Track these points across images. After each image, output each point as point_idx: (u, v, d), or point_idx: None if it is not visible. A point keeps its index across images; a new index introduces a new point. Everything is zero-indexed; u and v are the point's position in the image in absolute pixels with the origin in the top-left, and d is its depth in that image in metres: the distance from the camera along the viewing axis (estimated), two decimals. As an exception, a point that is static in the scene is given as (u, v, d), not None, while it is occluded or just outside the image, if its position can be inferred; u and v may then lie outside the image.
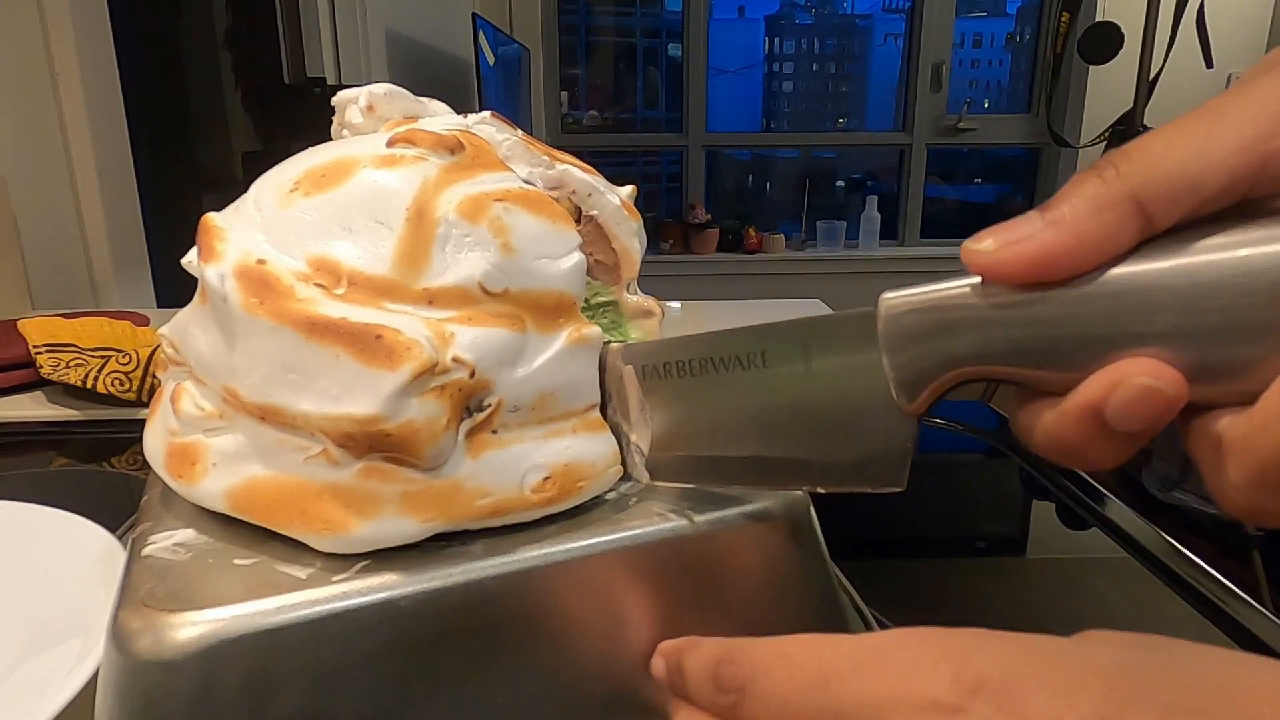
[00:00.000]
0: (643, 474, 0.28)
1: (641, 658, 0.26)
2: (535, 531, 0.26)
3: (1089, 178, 0.18)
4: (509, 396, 0.25)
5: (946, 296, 0.20)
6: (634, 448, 0.28)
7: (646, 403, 0.27)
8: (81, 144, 1.11)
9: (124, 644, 0.22)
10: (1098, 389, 0.18)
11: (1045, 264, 0.18)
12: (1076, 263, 0.18)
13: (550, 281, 0.26)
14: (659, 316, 0.34)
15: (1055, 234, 0.18)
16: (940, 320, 0.20)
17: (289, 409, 0.24)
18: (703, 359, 0.25)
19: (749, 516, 0.27)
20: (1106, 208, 0.18)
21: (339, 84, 1.62)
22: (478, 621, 0.24)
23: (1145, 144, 0.18)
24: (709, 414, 0.26)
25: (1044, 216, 0.18)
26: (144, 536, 0.26)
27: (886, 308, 0.21)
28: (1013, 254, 0.18)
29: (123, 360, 0.65)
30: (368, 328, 0.23)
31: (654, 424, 0.27)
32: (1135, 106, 1.90)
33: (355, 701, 0.23)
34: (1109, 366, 0.18)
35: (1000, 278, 0.19)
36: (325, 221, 0.26)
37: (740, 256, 3.15)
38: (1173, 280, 0.17)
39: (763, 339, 0.24)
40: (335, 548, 0.24)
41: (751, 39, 3.37)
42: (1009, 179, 3.47)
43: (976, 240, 0.19)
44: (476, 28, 1.98)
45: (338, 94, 0.32)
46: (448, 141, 0.27)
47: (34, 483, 0.55)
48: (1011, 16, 3.36)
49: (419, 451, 0.23)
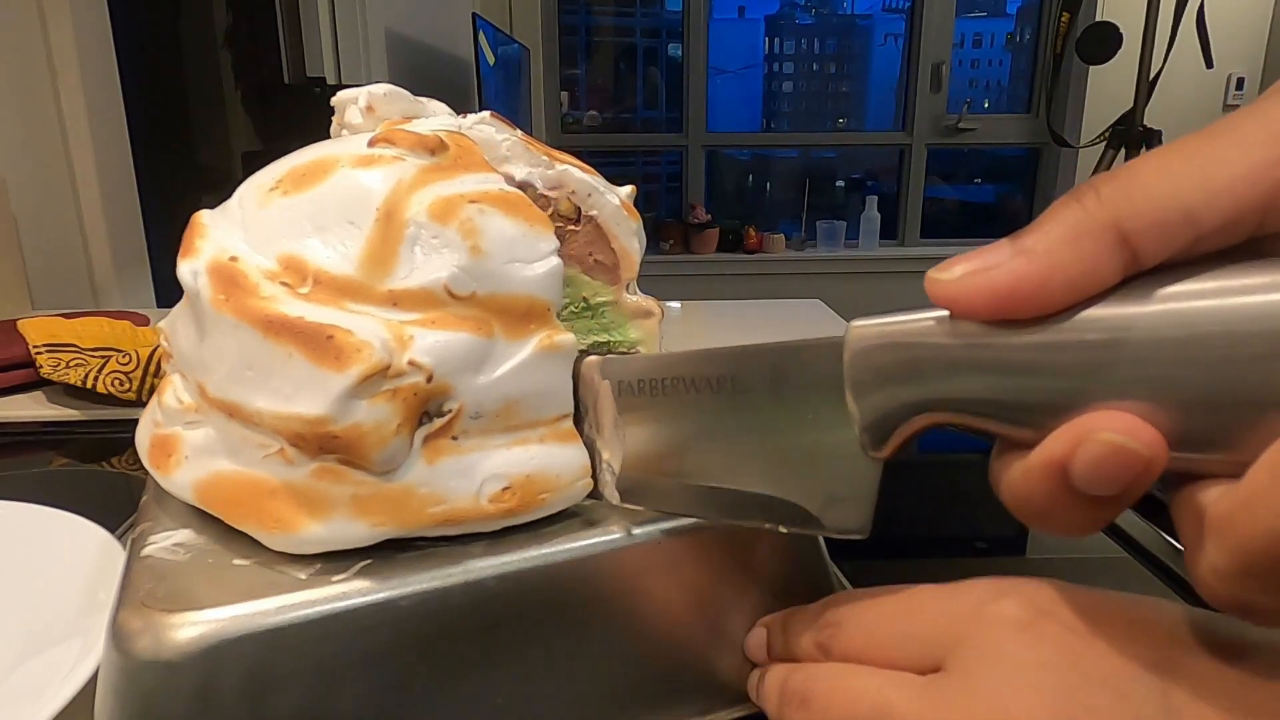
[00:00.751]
0: (613, 494, 0.27)
1: (641, 656, 0.27)
2: (535, 531, 0.26)
3: (1068, 203, 0.16)
4: (470, 402, 0.25)
5: (913, 330, 0.18)
6: (606, 465, 0.27)
7: (621, 420, 0.26)
8: (81, 144, 1.11)
9: (124, 644, 0.22)
10: (1063, 444, 0.16)
11: (1013, 297, 0.16)
12: (1048, 298, 0.16)
13: (522, 286, 0.25)
14: (659, 316, 0.33)
15: (1025, 264, 0.16)
16: (905, 358, 0.18)
17: (247, 406, 0.24)
18: (675, 378, 0.24)
19: (749, 516, 0.27)
20: (1084, 237, 0.16)
21: (339, 84, 1.62)
22: (478, 621, 0.24)
23: (1136, 166, 0.16)
24: (680, 438, 0.24)
25: (1014, 244, 0.16)
26: (143, 537, 0.26)
27: (853, 339, 0.19)
28: (977, 285, 0.16)
29: (123, 360, 0.65)
30: (321, 328, 0.23)
31: (627, 443, 0.26)
32: (1135, 106, 1.90)
33: (355, 702, 0.23)
34: (1078, 419, 0.16)
35: (964, 311, 0.17)
36: (299, 220, 0.25)
37: (740, 256, 3.15)
38: (1156, 326, 0.15)
39: (734, 362, 0.23)
40: (286, 547, 0.24)
41: (751, 39, 3.37)
42: (1009, 179, 3.47)
43: (942, 268, 0.17)
44: (476, 28, 1.98)
45: (337, 94, 0.32)
46: (428, 142, 0.27)
47: (34, 483, 0.55)
48: (1011, 16, 3.36)
49: (366, 455, 0.23)
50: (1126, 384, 0.15)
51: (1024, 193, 3.36)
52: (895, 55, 3.25)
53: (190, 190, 1.62)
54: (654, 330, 0.34)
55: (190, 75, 1.74)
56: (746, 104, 3.41)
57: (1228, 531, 0.14)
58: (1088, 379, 0.16)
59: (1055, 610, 0.19)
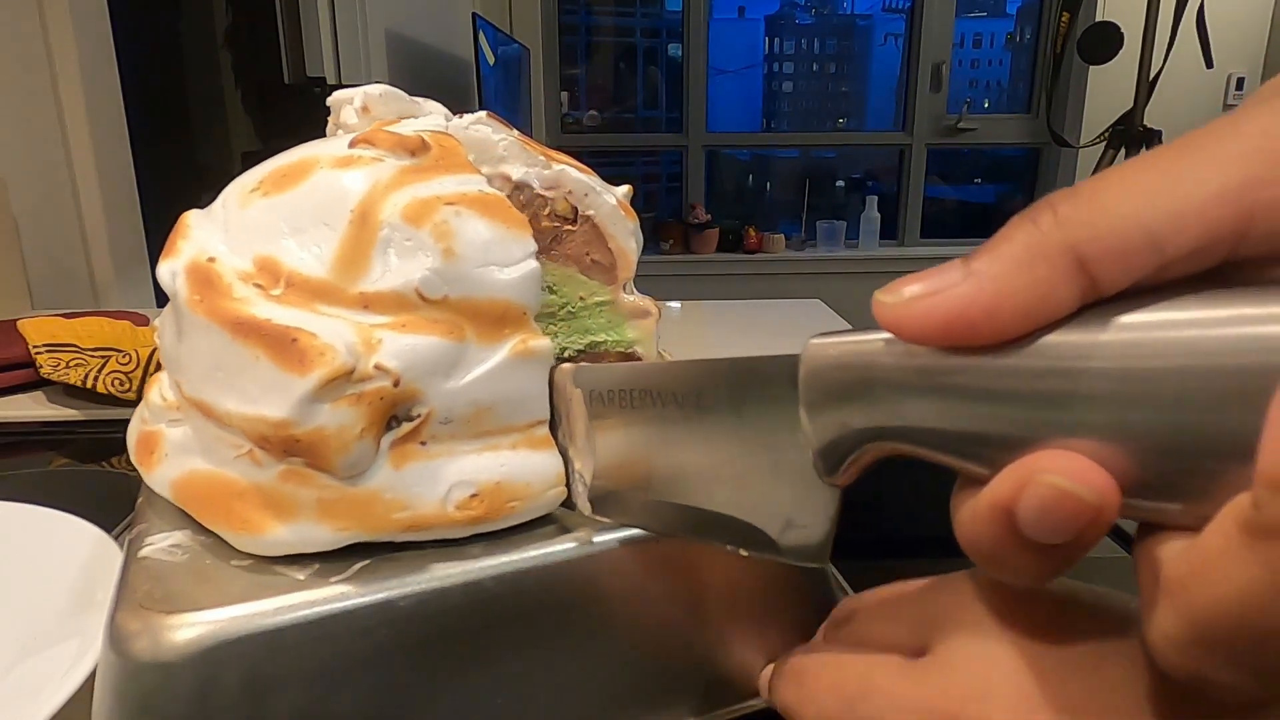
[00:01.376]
0: (585, 505, 0.26)
1: (640, 656, 0.26)
2: (533, 531, 0.26)
3: (1021, 223, 0.15)
4: (440, 407, 0.24)
5: (864, 351, 0.17)
6: (578, 475, 0.26)
7: (593, 430, 0.25)
8: (81, 144, 1.11)
9: (122, 646, 0.22)
10: (1009, 485, 0.15)
11: (960, 324, 0.15)
12: (999, 325, 0.15)
13: (496, 290, 0.25)
14: (655, 316, 0.33)
15: (974, 288, 0.15)
16: (855, 380, 0.17)
17: (217, 406, 0.24)
18: (644, 390, 0.23)
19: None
20: (1038, 260, 0.14)
21: (339, 84, 1.62)
22: (476, 622, 0.24)
23: (1098, 183, 0.14)
24: (648, 452, 0.23)
25: (965, 266, 0.15)
26: (140, 538, 0.26)
27: (808, 356, 0.18)
28: (923, 309, 0.15)
29: (123, 360, 0.65)
30: (286, 330, 0.23)
31: (598, 454, 0.25)
32: (1135, 106, 1.90)
33: (354, 702, 0.23)
34: (1026, 458, 0.15)
35: (911, 336, 0.16)
36: (276, 221, 0.25)
37: (740, 256, 3.15)
38: (1112, 359, 0.14)
39: (698, 378, 0.22)
40: (252, 548, 0.24)
41: (751, 39, 3.37)
42: (1009, 179, 3.47)
43: (890, 289, 0.16)
44: (476, 28, 1.98)
45: (333, 94, 0.32)
46: (408, 143, 0.26)
47: (34, 483, 0.55)
48: (1011, 16, 3.36)
49: (329, 459, 0.23)
50: (1079, 421, 0.14)
51: (1024, 193, 3.36)
52: (895, 55, 3.25)
53: (190, 190, 1.62)
54: (651, 330, 0.34)
55: (190, 75, 1.74)
56: (746, 104, 3.41)
57: (1179, 596, 0.13)
58: (1039, 411, 0.14)
59: (1034, 596, 0.20)
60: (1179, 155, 0.14)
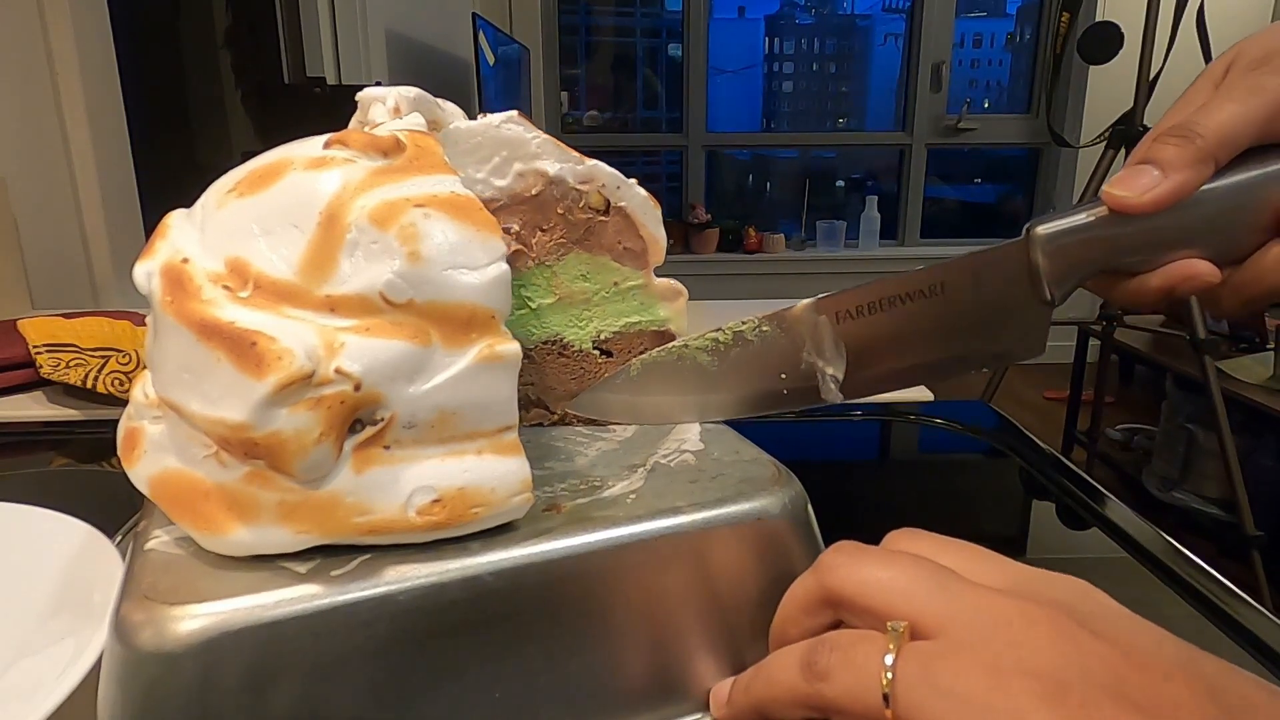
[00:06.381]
0: (836, 395, 0.33)
1: (639, 652, 0.27)
2: (534, 526, 0.26)
3: (1179, 142, 0.27)
4: (404, 412, 0.24)
5: (1090, 222, 0.29)
6: (830, 378, 0.33)
7: (839, 338, 0.32)
8: (81, 144, 1.12)
9: (126, 636, 0.22)
10: (1165, 276, 0.29)
11: (1164, 204, 0.27)
12: (1178, 203, 0.27)
13: (463, 293, 0.24)
14: (685, 296, 0.36)
15: (1175, 184, 0.27)
16: (1087, 238, 0.29)
17: (184, 407, 0.24)
18: (890, 297, 0.31)
19: (748, 515, 0.27)
20: (1203, 163, 0.27)
21: (339, 84, 1.62)
22: (475, 616, 0.24)
23: (1207, 115, 0.27)
24: (894, 334, 0.32)
25: (1160, 173, 0.27)
26: (146, 531, 0.26)
27: (1042, 232, 0.29)
28: (1151, 199, 0.27)
29: (123, 360, 0.65)
30: (246, 334, 0.23)
31: (848, 355, 0.32)
32: (1135, 106, 1.90)
33: (353, 695, 0.23)
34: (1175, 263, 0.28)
35: (1134, 213, 0.27)
36: (249, 223, 0.25)
37: (740, 256, 3.15)
38: (1210, 204, 0.27)
39: (943, 273, 0.31)
40: (215, 548, 0.24)
41: (751, 39, 3.37)
42: (1009, 179, 3.47)
43: (1123, 186, 0.27)
44: (476, 28, 1.98)
45: (363, 90, 0.31)
46: (382, 143, 0.26)
47: (34, 483, 0.55)
48: (1011, 16, 3.36)
49: (287, 463, 0.23)
50: (1196, 235, 0.28)
51: (1024, 193, 3.36)
52: (895, 55, 3.26)
53: (190, 190, 1.62)
54: (682, 308, 0.36)
55: (190, 75, 1.74)
56: (746, 104, 3.42)
57: (1239, 291, 0.28)
58: (1181, 235, 0.28)
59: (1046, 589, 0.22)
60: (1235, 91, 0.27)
